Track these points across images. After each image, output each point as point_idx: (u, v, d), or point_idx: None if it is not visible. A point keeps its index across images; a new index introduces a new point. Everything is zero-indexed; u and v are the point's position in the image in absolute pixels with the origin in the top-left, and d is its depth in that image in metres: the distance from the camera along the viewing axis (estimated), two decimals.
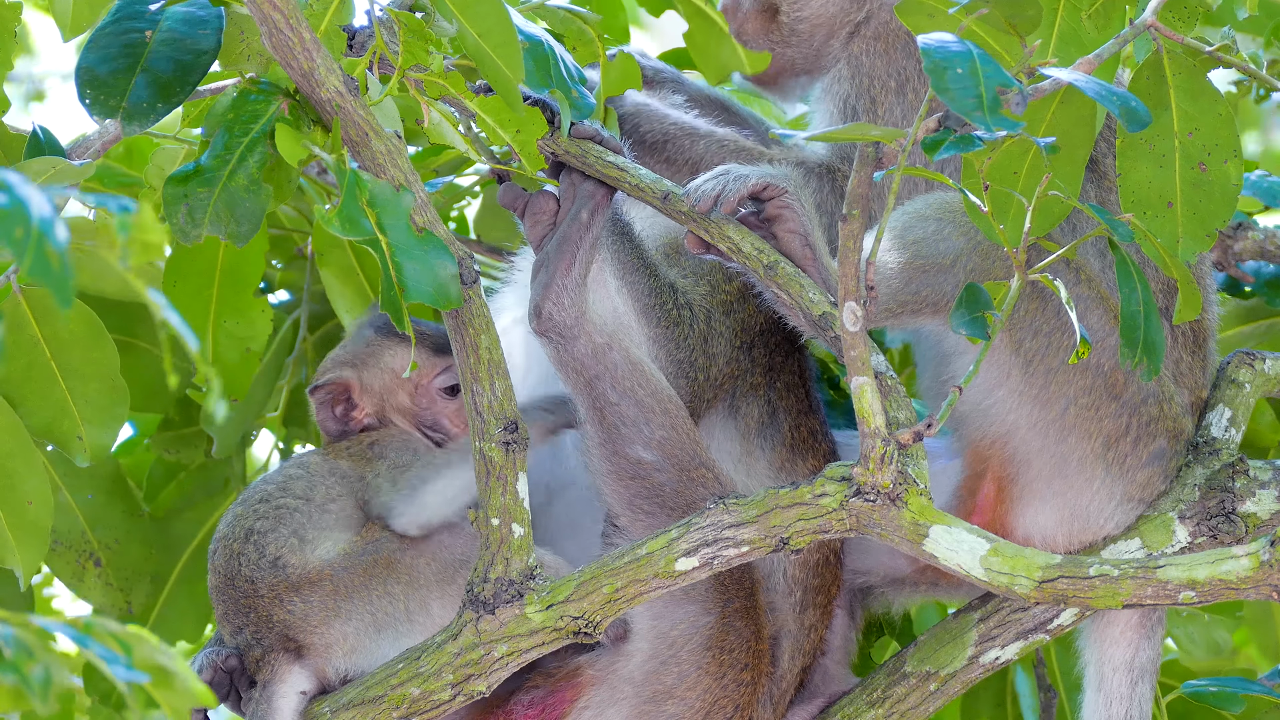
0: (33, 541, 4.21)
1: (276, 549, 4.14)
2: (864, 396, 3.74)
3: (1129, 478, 4.32)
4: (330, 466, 4.27)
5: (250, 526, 4.18)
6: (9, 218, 2.74)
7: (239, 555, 4.16)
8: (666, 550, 3.87)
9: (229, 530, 4.21)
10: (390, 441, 4.31)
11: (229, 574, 4.17)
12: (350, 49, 4.01)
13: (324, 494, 4.21)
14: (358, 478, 4.25)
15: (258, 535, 4.16)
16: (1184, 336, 4.41)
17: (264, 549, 4.15)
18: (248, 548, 4.16)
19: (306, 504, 4.19)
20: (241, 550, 4.16)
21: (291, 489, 4.22)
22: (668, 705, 4.19)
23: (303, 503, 4.19)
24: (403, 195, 3.72)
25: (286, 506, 4.19)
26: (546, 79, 3.91)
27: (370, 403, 4.38)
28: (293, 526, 4.16)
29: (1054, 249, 3.80)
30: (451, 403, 4.37)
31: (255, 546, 4.15)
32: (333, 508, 4.20)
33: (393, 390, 4.39)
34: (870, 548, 4.51)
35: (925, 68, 3.49)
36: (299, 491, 4.21)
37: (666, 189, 4.08)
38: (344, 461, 4.28)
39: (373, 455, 4.28)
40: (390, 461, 4.25)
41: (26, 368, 4.16)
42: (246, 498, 4.25)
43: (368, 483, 4.23)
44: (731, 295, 4.44)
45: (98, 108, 3.93)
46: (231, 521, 4.22)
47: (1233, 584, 3.63)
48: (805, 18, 4.67)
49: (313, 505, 4.19)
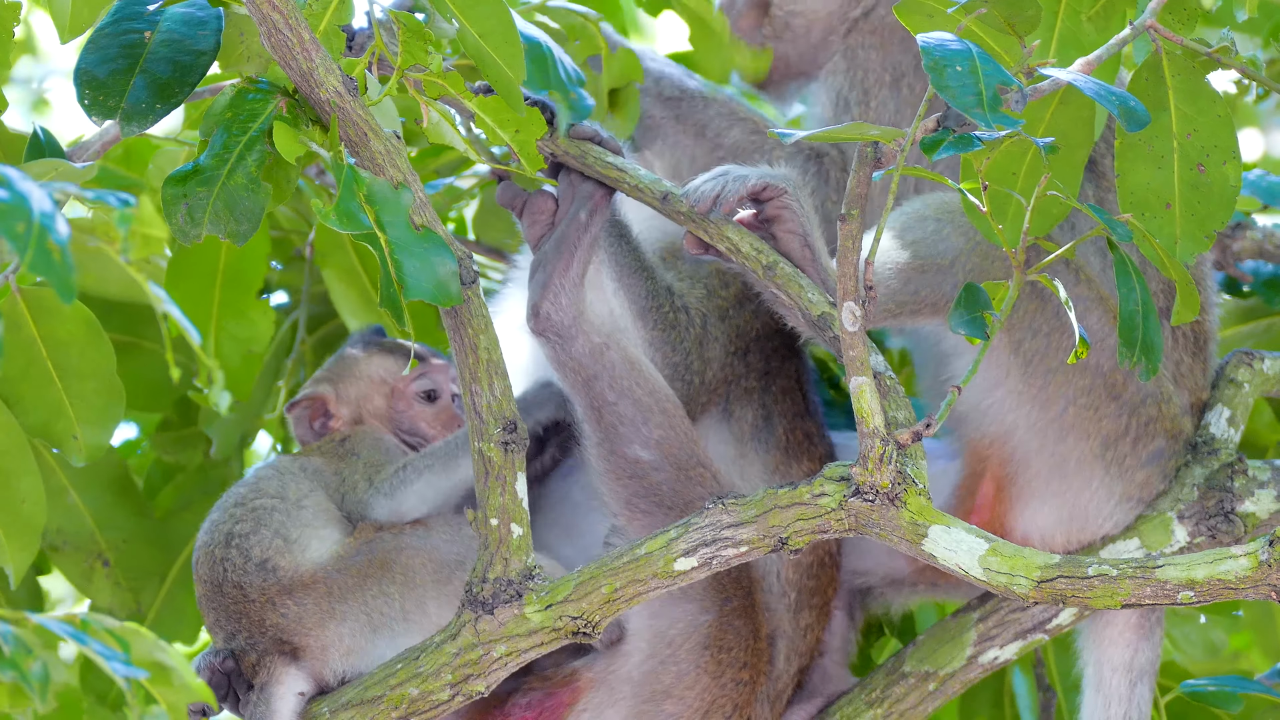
0: (24, 540, 4.20)
1: (262, 551, 4.14)
2: (863, 397, 3.74)
3: (1128, 478, 4.33)
4: (300, 464, 4.28)
5: (230, 530, 4.17)
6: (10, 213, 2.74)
7: (223, 561, 4.15)
8: (665, 550, 3.87)
9: (209, 537, 4.20)
10: (362, 439, 4.32)
11: (215, 581, 4.15)
12: (349, 49, 4.01)
13: (296, 491, 4.21)
14: (332, 473, 4.26)
15: (239, 539, 4.15)
16: (1185, 339, 4.41)
17: (248, 552, 4.14)
18: (231, 552, 4.15)
19: (282, 502, 4.19)
20: (225, 556, 4.15)
21: (264, 489, 4.22)
22: (666, 705, 4.18)
23: (278, 501, 4.19)
24: (402, 193, 3.73)
25: (263, 507, 4.19)
26: (545, 80, 3.91)
27: (347, 410, 4.40)
28: (274, 527, 4.16)
29: (1053, 250, 3.80)
30: (429, 408, 4.38)
31: (239, 550, 4.14)
32: (308, 503, 4.20)
33: (369, 396, 4.40)
34: (869, 548, 4.51)
35: (925, 65, 3.49)
36: (272, 490, 4.21)
37: (665, 189, 4.08)
38: (315, 458, 4.29)
39: (344, 451, 4.29)
40: (365, 459, 4.26)
41: (23, 367, 4.15)
42: (222, 504, 4.25)
43: (344, 478, 4.24)
44: (728, 300, 4.44)
45: (96, 109, 3.93)
46: (210, 529, 4.21)
47: (1231, 584, 3.63)
48: (799, 12, 4.68)
49: (288, 503, 4.19)
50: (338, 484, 4.24)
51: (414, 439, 4.37)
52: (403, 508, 4.19)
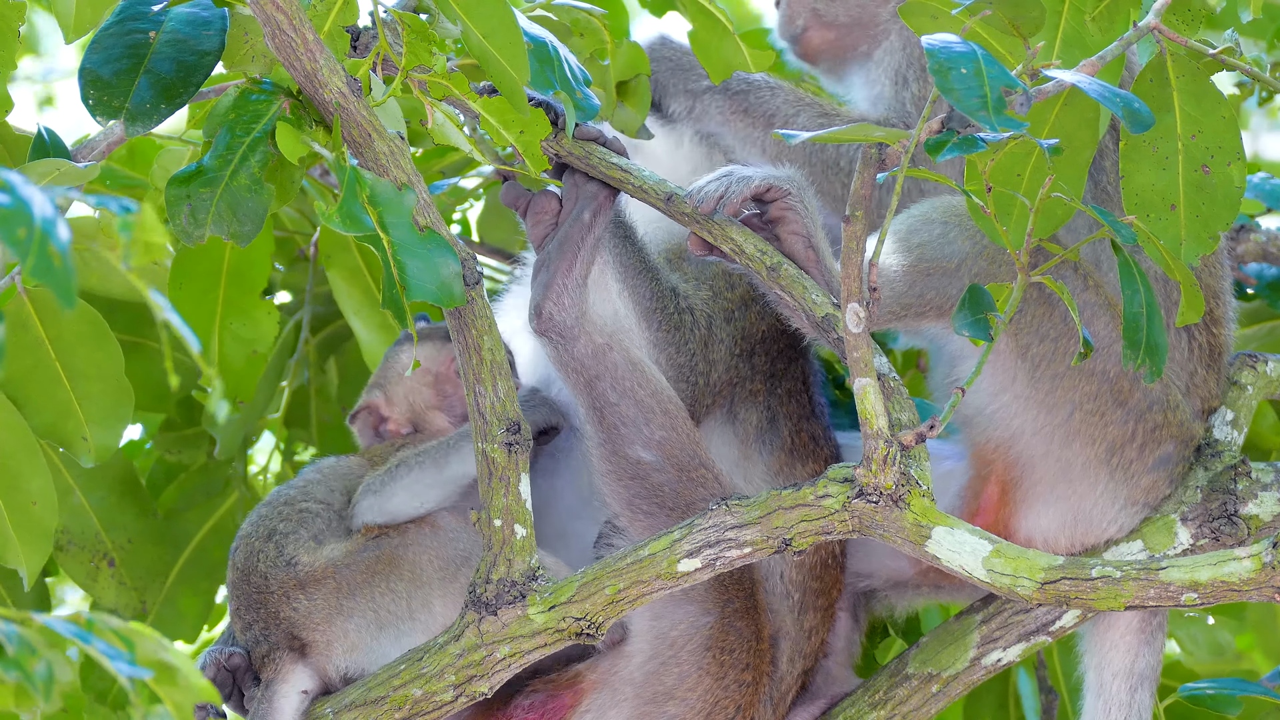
0: (36, 541, 4.21)
1: (294, 549, 4.18)
2: (867, 398, 3.74)
3: (1133, 482, 4.32)
4: (345, 468, 4.31)
5: (274, 527, 4.22)
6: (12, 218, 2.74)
7: (258, 553, 4.20)
8: (669, 551, 3.87)
9: (252, 529, 4.25)
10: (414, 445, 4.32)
11: (246, 570, 4.20)
12: (354, 50, 4.01)
13: (341, 501, 4.25)
14: (358, 477, 4.27)
15: (279, 536, 4.20)
16: (1200, 350, 4.40)
17: (283, 548, 4.18)
18: (268, 546, 4.20)
19: (327, 509, 4.23)
20: (262, 548, 4.20)
21: (312, 493, 4.27)
22: (668, 706, 4.18)
23: (324, 507, 4.23)
24: (405, 194, 3.73)
25: (309, 511, 4.23)
26: (550, 80, 3.91)
27: (399, 411, 4.42)
28: (313, 530, 4.20)
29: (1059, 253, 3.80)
30: None
31: (275, 546, 4.19)
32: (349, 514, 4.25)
33: (416, 391, 4.42)
34: (873, 550, 4.51)
35: (930, 68, 3.49)
36: (320, 496, 4.26)
37: (670, 190, 4.08)
38: (355, 460, 4.32)
39: (390, 453, 4.31)
40: (397, 458, 4.28)
41: (31, 368, 4.16)
42: (272, 500, 4.30)
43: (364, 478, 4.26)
44: (733, 302, 4.44)
45: (101, 109, 3.93)
46: (255, 521, 4.27)
47: (1235, 586, 3.63)
48: None
49: (332, 510, 4.24)
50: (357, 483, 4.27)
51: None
52: (390, 504, 4.18)
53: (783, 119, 4.51)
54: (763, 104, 4.55)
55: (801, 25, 4.75)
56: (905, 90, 4.54)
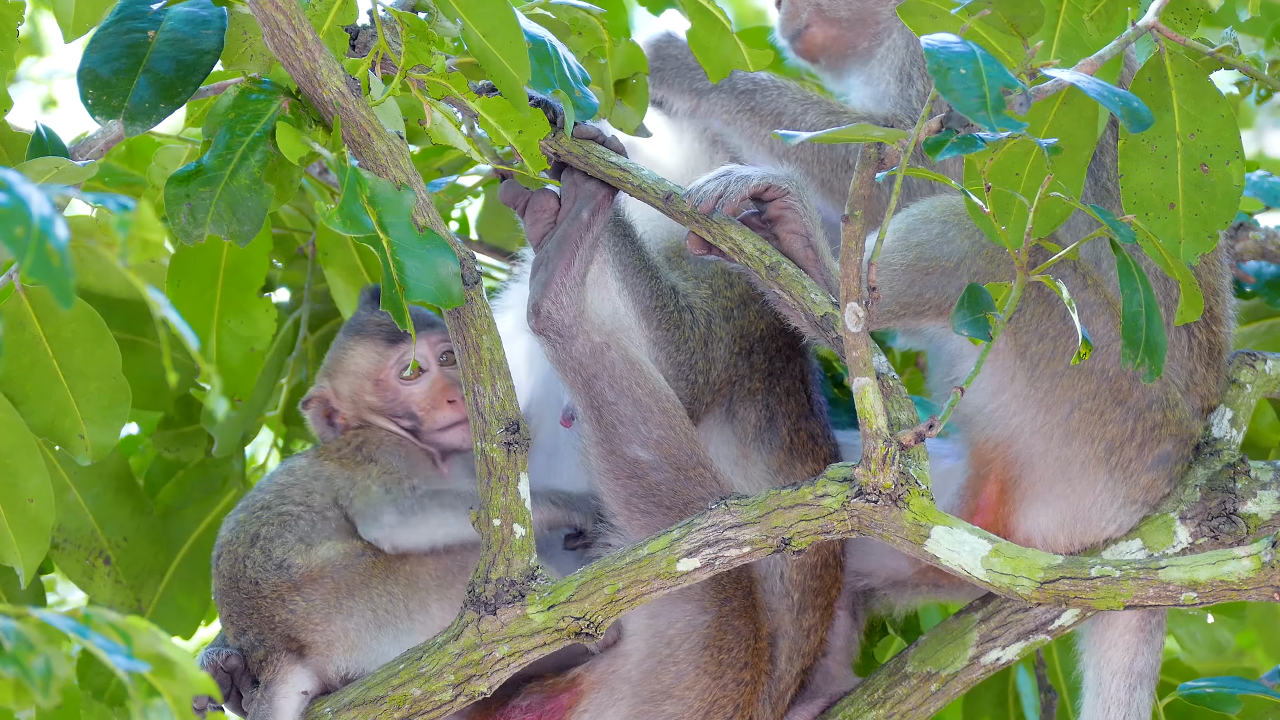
0: (33, 539, 4.21)
1: (284, 553, 4.16)
2: (866, 397, 3.74)
3: (1132, 481, 4.32)
4: (317, 470, 4.28)
5: (256, 532, 4.19)
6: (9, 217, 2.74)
7: (244, 559, 4.17)
8: (668, 551, 3.87)
9: (232, 536, 4.22)
10: (379, 445, 4.31)
11: (233, 577, 4.18)
12: (353, 49, 4.01)
13: (320, 501, 4.23)
14: (344, 479, 4.25)
15: (264, 541, 4.17)
16: (1199, 348, 4.40)
17: (270, 553, 4.16)
18: (254, 551, 4.17)
19: (308, 510, 4.21)
20: (247, 554, 4.17)
21: (289, 495, 4.23)
22: (666, 705, 4.18)
23: (304, 509, 4.21)
24: (404, 194, 3.73)
25: (289, 514, 4.20)
26: (549, 79, 3.91)
27: (347, 408, 4.39)
28: (298, 533, 4.18)
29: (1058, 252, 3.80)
30: (414, 387, 4.35)
31: (262, 550, 4.16)
32: (331, 514, 4.22)
33: (359, 391, 4.39)
34: (872, 549, 4.51)
35: (929, 68, 3.49)
36: (297, 498, 4.23)
37: (668, 189, 4.08)
38: (330, 464, 4.29)
39: (361, 458, 4.29)
40: (381, 466, 4.26)
41: (28, 366, 4.16)
42: (248, 505, 4.26)
43: (355, 483, 4.24)
44: (732, 301, 4.44)
45: (100, 108, 3.93)
46: (235, 527, 4.23)
47: (1234, 585, 3.63)
48: None
49: (313, 512, 4.21)
50: (348, 488, 4.24)
51: (410, 424, 4.35)
52: (413, 535, 4.15)
53: (790, 117, 4.51)
54: (769, 102, 4.55)
55: (804, 21, 4.75)
56: (911, 87, 4.54)
